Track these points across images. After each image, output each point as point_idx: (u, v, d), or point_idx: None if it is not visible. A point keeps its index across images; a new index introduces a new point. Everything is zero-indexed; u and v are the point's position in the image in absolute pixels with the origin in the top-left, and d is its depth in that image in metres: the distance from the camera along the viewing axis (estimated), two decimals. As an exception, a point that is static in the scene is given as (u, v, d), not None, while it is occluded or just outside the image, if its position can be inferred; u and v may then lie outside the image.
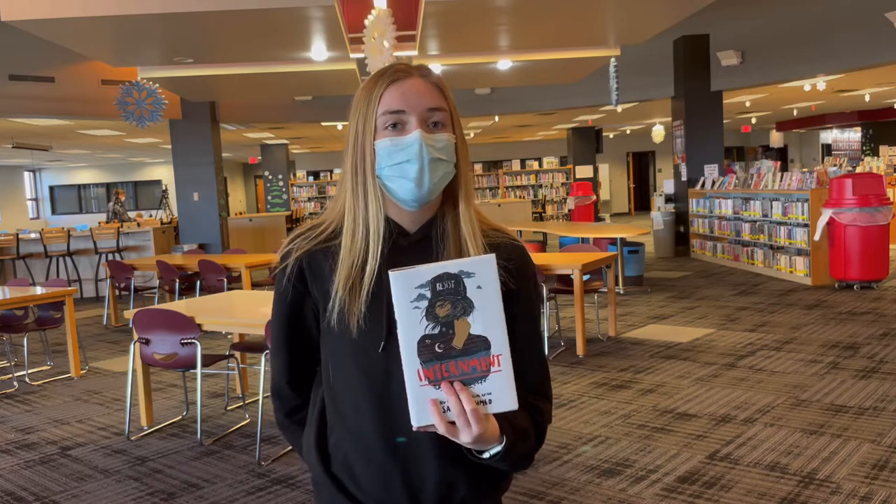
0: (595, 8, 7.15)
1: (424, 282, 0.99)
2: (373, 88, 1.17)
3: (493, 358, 1.01)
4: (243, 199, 27.32)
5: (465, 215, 1.19)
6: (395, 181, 1.15)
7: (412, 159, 1.13)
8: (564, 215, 18.83)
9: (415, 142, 1.13)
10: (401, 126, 1.15)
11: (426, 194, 1.15)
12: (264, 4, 6.11)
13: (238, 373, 5.03)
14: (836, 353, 5.32)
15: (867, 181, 7.70)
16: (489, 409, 1.02)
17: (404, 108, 1.14)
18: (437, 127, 1.16)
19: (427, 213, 1.21)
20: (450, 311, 1.00)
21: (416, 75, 1.17)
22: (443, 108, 1.17)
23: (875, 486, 3.10)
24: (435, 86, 1.18)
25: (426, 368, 1.01)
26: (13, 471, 3.88)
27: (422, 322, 1.00)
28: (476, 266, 1.01)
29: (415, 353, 1.00)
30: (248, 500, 3.33)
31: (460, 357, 1.01)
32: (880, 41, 9.48)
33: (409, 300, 1.00)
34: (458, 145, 1.18)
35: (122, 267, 7.95)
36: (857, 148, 21.56)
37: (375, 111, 1.15)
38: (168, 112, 9.73)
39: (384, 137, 1.15)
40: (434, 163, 1.14)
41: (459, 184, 1.20)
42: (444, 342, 1.01)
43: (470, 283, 1.00)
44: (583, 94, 13.05)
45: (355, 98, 1.20)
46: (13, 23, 6.00)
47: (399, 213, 1.20)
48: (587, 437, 3.89)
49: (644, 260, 9.22)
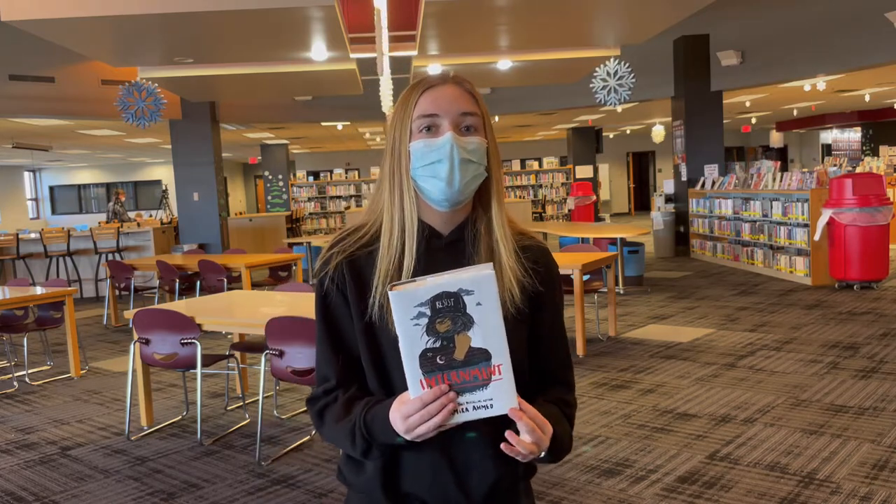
0: (595, 8, 7.15)
1: (423, 301, 1.03)
2: (410, 96, 1.23)
3: (493, 368, 1.06)
4: (243, 199, 27.33)
5: (497, 218, 1.24)
6: (428, 181, 1.20)
7: (443, 159, 1.18)
8: (564, 215, 18.82)
9: (446, 142, 1.18)
10: (434, 129, 1.20)
11: (457, 193, 1.20)
12: (264, 4, 6.11)
13: (238, 373, 5.04)
14: (836, 353, 5.32)
15: (867, 181, 7.70)
16: (490, 413, 1.07)
17: (437, 112, 1.20)
18: (470, 131, 1.21)
19: (459, 215, 1.26)
20: (450, 327, 1.04)
21: (450, 82, 1.23)
22: (475, 112, 1.22)
23: (875, 486, 3.10)
24: (468, 92, 1.23)
25: (429, 378, 1.05)
26: (13, 471, 3.88)
27: (423, 337, 1.04)
28: (475, 283, 1.04)
29: (417, 365, 1.05)
30: (248, 500, 3.33)
31: (461, 368, 1.05)
32: (880, 41, 9.48)
33: (410, 318, 1.03)
34: (489, 150, 1.24)
35: (122, 267, 7.95)
36: (857, 148, 21.57)
37: (411, 116, 1.22)
38: (168, 112, 9.74)
39: (418, 139, 1.21)
40: (464, 163, 1.19)
41: (491, 187, 1.25)
42: (446, 355, 1.05)
43: (469, 301, 1.04)
44: (583, 94, 13.02)
45: (395, 107, 1.26)
46: (13, 23, 6.00)
47: (432, 215, 1.25)
48: (587, 437, 3.89)
49: (644, 260, 9.22)
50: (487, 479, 1.21)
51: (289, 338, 3.63)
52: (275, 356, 3.68)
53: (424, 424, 1.07)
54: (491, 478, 1.21)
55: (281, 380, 3.83)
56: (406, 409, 1.08)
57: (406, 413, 1.08)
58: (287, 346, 3.64)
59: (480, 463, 1.21)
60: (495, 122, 16.06)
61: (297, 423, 4.41)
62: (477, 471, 1.21)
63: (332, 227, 19.37)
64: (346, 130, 17.08)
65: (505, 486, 1.24)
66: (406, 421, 1.08)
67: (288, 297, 4.68)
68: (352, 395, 1.24)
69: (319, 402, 1.27)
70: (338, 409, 1.23)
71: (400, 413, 1.09)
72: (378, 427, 1.15)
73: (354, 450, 1.21)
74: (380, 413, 1.15)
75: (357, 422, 1.18)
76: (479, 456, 1.21)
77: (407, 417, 1.08)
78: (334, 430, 1.24)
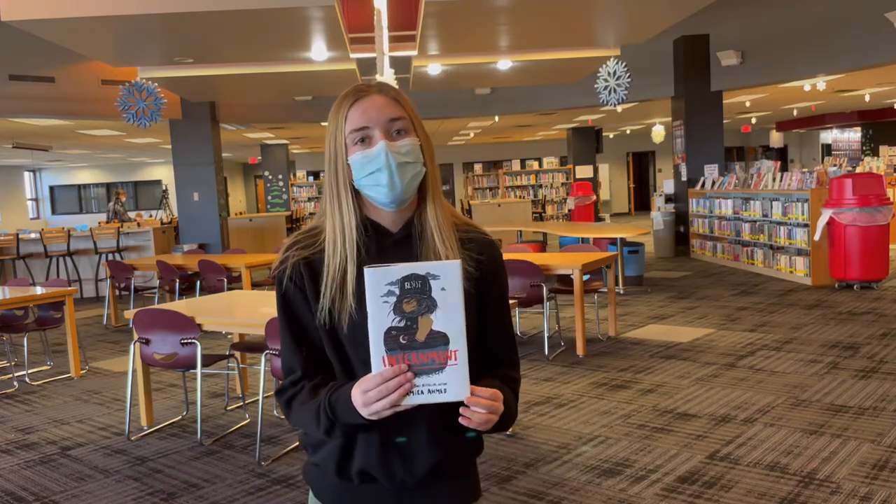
0: (595, 8, 7.15)
1: (394, 279, 1.10)
2: (339, 111, 1.30)
3: (450, 353, 1.12)
4: (243, 199, 27.32)
5: (432, 212, 1.31)
6: (372, 189, 1.28)
7: (381, 168, 1.26)
8: (564, 215, 18.82)
9: (381, 152, 1.26)
10: (368, 140, 1.28)
11: (400, 195, 1.28)
12: (264, 4, 6.11)
13: (238, 373, 5.04)
14: (836, 353, 5.32)
15: (867, 181, 7.70)
16: (443, 398, 1.13)
17: (367, 124, 1.27)
18: (401, 134, 1.29)
19: (406, 212, 1.33)
20: (415, 308, 1.11)
21: (374, 92, 1.30)
22: (402, 116, 1.29)
23: (875, 486, 3.10)
24: (393, 99, 1.30)
25: (390, 356, 1.12)
26: (13, 471, 3.88)
27: (389, 315, 1.11)
28: (442, 269, 1.11)
29: (381, 341, 1.12)
30: (248, 500, 3.34)
31: (421, 349, 1.12)
32: (880, 41, 9.48)
33: (380, 294, 1.11)
34: (423, 147, 1.31)
35: (122, 267, 7.95)
36: (857, 148, 21.57)
37: (344, 131, 1.29)
38: (168, 112, 9.74)
39: (355, 153, 1.28)
40: (401, 166, 1.27)
41: (427, 183, 1.32)
42: (408, 335, 1.12)
43: (435, 285, 1.11)
44: (583, 94, 13.03)
45: (328, 120, 1.33)
46: (13, 23, 6.00)
47: (380, 214, 1.33)
48: (587, 437, 3.89)
49: (644, 260, 9.23)
50: (431, 457, 1.28)
51: (289, 338, 3.62)
52: (275, 356, 3.68)
53: (381, 401, 1.12)
54: (435, 456, 1.28)
55: (281, 380, 3.82)
56: (366, 384, 1.14)
57: (366, 388, 1.14)
58: (287, 346, 3.63)
59: (426, 442, 1.27)
60: (495, 122, 16.07)
61: (297, 423, 4.40)
62: (422, 449, 1.27)
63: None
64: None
65: (449, 465, 1.30)
66: (365, 395, 1.14)
67: (288, 297, 4.67)
68: (317, 382, 1.31)
69: (287, 393, 1.33)
70: (304, 395, 1.31)
71: (360, 387, 1.15)
72: (341, 406, 1.21)
73: (319, 429, 1.27)
74: (343, 394, 1.21)
75: (322, 402, 1.25)
76: (426, 436, 1.27)
77: (366, 392, 1.13)
78: (300, 412, 1.30)
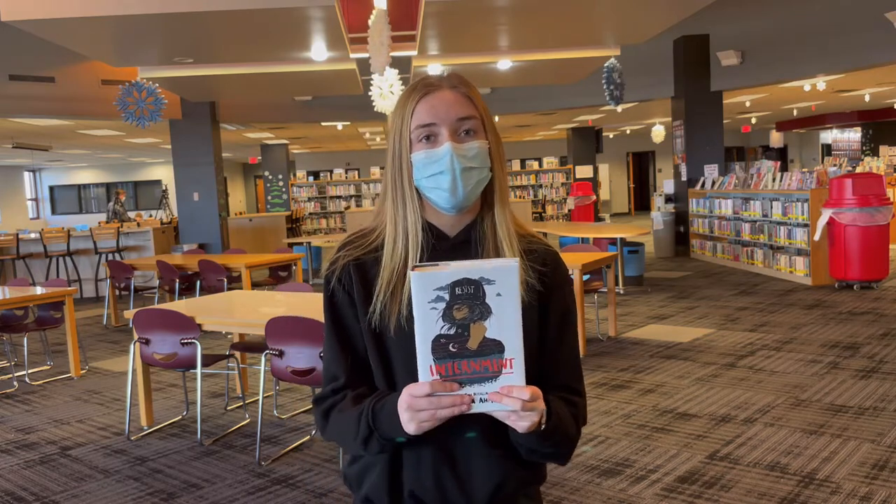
0: (595, 8, 7.15)
1: (443, 285, 1.02)
2: (405, 104, 1.23)
3: (505, 361, 1.04)
4: (243, 199, 27.32)
5: (500, 218, 1.24)
6: (432, 191, 1.21)
7: (445, 171, 1.18)
8: (564, 215, 18.82)
9: (446, 154, 1.18)
10: (433, 138, 1.20)
11: (461, 201, 1.21)
12: (264, 4, 6.10)
13: (238, 373, 5.04)
14: (836, 353, 5.32)
15: (867, 181, 7.70)
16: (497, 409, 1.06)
17: (435, 121, 1.20)
18: (469, 135, 1.21)
19: (467, 216, 1.26)
20: (467, 315, 1.03)
21: (445, 87, 1.22)
22: (473, 115, 1.22)
23: (875, 486, 3.10)
24: (464, 95, 1.22)
25: (438, 364, 1.04)
26: (13, 471, 3.88)
27: (438, 322, 1.03)
28: (498, 274, 1.03)
29: (429, 350, 1.04)
30: (248, 500, 3.33)
31: (473, 357, 1.04)
32: (880, 41, 9.48)
33: (427, 300, 1.02)
34: (491, 151, 1.23)
35: (122, 267, 7.95)
36: (857, 148, 21.56)
37: (409, 126, 1.21)
38: (168, 112, 9.73)
39: (419, 150, 1.21)
40: (466, 171, 1.19)
41: (495, 187, 1.25)
42: (459, 343, 1.04)
43: (490, 290, 1.03)
44: (583, 94, 13.03)
45: (392, 113, 1.27)
46: (13, 23, 6.00)
47: (439, 217, 1.26)
48: (587, 437, 3.89)
49: (644, 260, 9.22)
50: (491, 481, 1.20)
51: (289, 338, 3.63)
52: (275, 356, 3.69)
53: (429, 412, 1.04)
54: (495, 480, 1.20)
55: (281, 380, 3.83)
56: (416, 389, 1.05)
57: (414, 393, 1.05)
58: (287, 346, 3.64)
59: (483, 464, 1.20)
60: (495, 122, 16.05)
61: (297, 423, 4.41)
62: (480, 473, 1.20)
63: (332, 227, 19.39)
64: (346, 130, 17.07)
65: (509, 490, 1.22)
66: (414, 401, 1.05)
67: (288, 297, 4.69)
68: (361, 392, 1.23)
69: (328, 401, 1.26)
70: (346, 403, 1.23)
71: (408, 392, 1.06)
72: (385, 417, 1.13)
73: (356, 439, 1.18)
74: (389, 403, 1.13)
75: (365, 409, 1.17)
76: (482, 457, 1.20)
77: (414, 397, 1.05)
78: (339, 419, 1.23)
